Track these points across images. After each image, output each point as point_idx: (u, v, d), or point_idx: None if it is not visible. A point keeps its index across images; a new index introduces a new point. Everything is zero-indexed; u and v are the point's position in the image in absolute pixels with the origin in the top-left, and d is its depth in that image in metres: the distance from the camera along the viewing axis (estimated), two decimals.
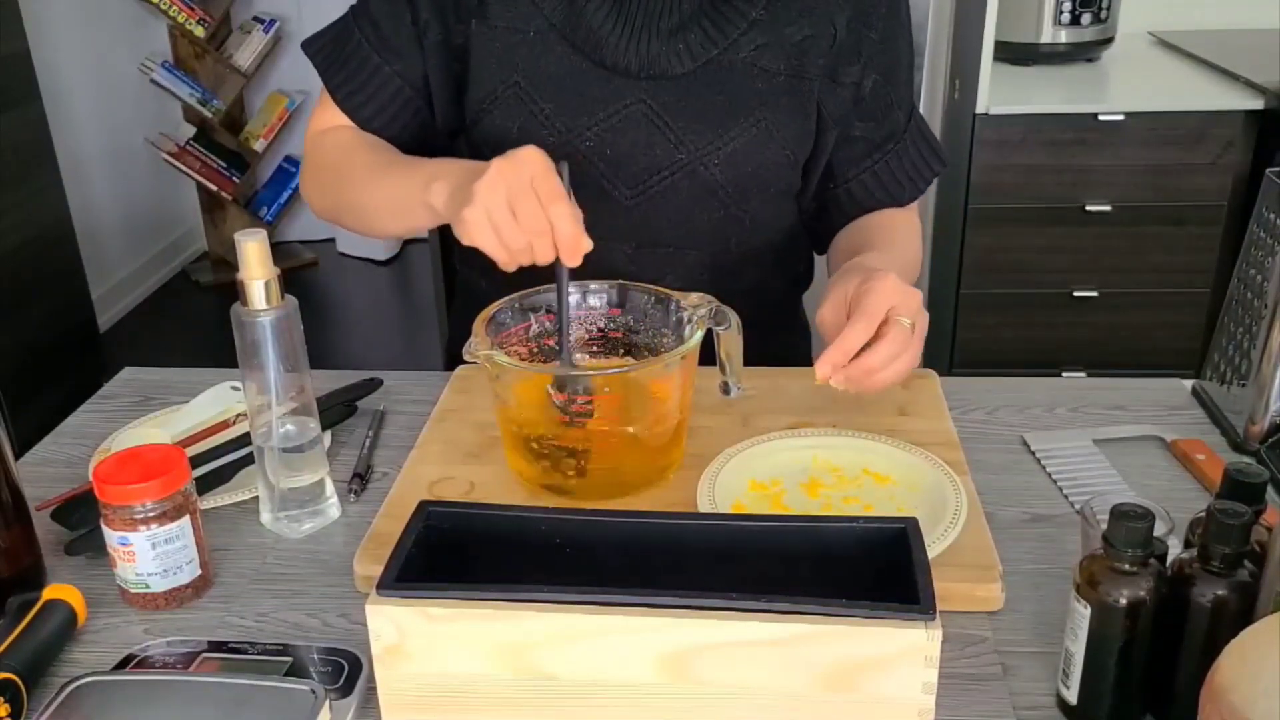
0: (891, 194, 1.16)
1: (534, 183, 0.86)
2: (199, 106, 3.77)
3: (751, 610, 0.64)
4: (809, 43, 1.07)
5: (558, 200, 0.86)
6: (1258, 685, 0.56)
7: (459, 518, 0.75)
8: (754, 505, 0.89)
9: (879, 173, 1.14)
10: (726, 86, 1.06)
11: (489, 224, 0.87)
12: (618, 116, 1.06)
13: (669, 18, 1.04)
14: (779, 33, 1.06)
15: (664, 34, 1.04)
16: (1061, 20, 2.49)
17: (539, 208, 0.86)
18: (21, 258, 2.74)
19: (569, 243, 0.87)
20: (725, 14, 1.04)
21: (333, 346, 3.39)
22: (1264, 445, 0.98)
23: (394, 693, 0.69)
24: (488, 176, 0.87)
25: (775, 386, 1.08)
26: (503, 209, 0.86)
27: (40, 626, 0.77)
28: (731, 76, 1.06)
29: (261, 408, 0.89)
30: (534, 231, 0.87)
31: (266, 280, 0.85)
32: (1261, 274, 0.98)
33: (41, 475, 1.02)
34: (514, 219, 0.86)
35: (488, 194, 0.87)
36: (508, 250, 0.88)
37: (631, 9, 1.04)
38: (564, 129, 1.06)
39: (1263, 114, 2.29)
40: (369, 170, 1.07)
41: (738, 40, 1.05)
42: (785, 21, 1.06)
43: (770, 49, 1.06)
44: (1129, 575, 0.66)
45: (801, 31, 1.06)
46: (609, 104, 1.06)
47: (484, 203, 0.86)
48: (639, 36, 1.03)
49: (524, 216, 0.86)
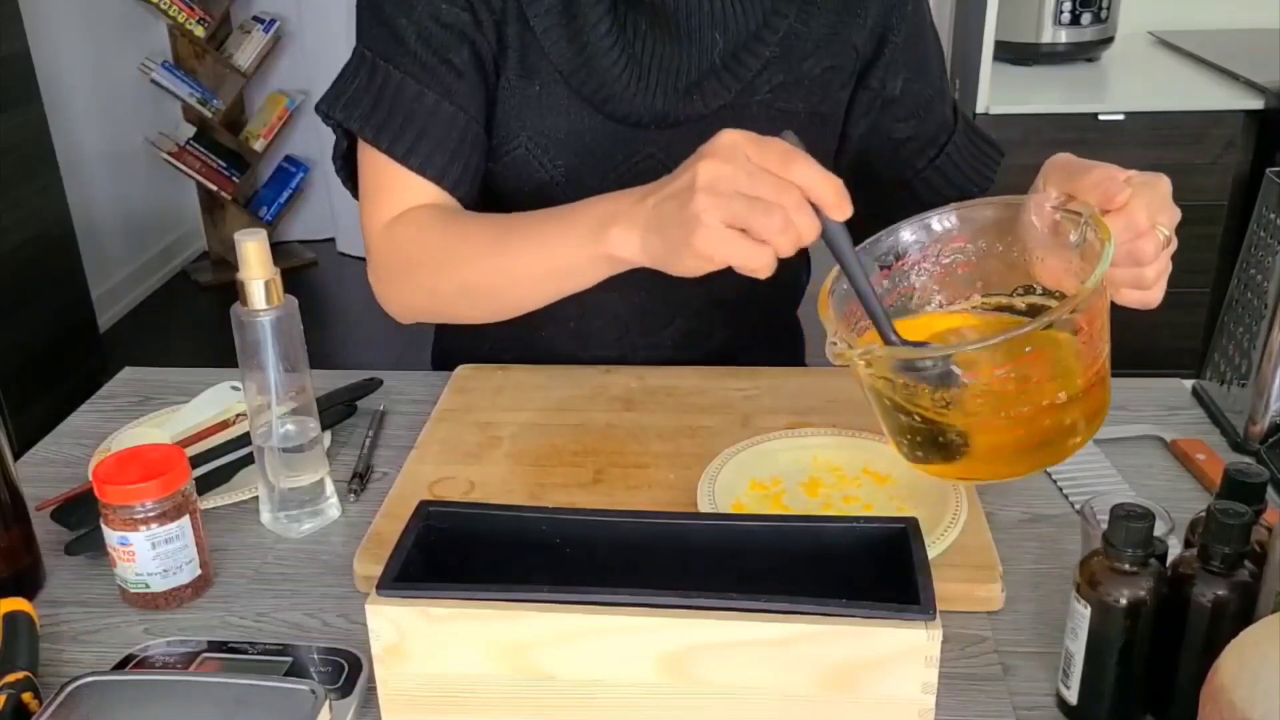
0: (960, 186, 1.10)
1: (757, 158, 0.72)
2: (199, 106, 3.77)
3: (751, 610, 0.64)
4: (830, 74, 1.03)
5: (793, 159, 0.71)
6: (1258, 685, 0.56)
7: (459, 518, 0.75)
8: (754, 505, 0.89)
9: (942, 168, 1.09)
10: (743, 129, 1.01)
11: (729, 233, 0.72)
12: (630, 172, 1.02)
13: (684, 76, 0.99)
14: (797, 68, 1.02)
15: (679, 90, 1.00)
16: (1061, 20, 2.49)
17: (778, 179, 0.71)
18: (21, 258, 2.74)
19: (832, 194, 0.72)
20: (741, 58, 1.00)
21: (333, 346, 3.39)
22: (1264, 445, 0.98)
23: (394, 693, 0.69)
24: (702, 185, 0.73)
25: (775, 386, 1.08)
26: (739, 203, 0.72)
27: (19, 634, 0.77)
28: (748, 121, 0.97)
29: (261, 408, 0.89)
30: (790, 206, 0.71)
31: (266, 280, 0.85)
32: (1261, 274, 0.98)
33: (41, 475, 1.02)
34: (759, 207, 0.71)
35: (712, 201, 0.72)
36: (763, 248, 0.72)
37: (645, 62, 0.98)
38: (576, 188, 1.01)
39: (1263, 114, 2.29)
40: (490, 244, 0.92)
41: (753, 82, 1.01)
42: (802, 55, 1.02)
43: (789, 87, 1.02)
44: (1129, 575, 0.66)
45: (820, 64, 1.02)
46: (621, 159, 1.02)
47: (713, 214, 0.72)
48: (653, 91, 0.99)
49: (770, 195, 0.71)
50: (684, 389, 1.09)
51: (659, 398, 1.07)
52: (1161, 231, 0.79)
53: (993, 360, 0.71)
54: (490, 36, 0.98)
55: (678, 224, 0.75)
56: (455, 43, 0.97)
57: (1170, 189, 0.80)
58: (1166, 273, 0.81)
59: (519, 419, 1.04)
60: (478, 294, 0.96)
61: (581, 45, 0.97)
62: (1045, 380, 0.72)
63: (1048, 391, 0.72)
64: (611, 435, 1.01)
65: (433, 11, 0.96)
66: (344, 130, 1.01)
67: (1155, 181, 0.80)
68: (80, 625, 0.83)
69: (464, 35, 0.97)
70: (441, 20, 0.96)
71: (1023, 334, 0.68)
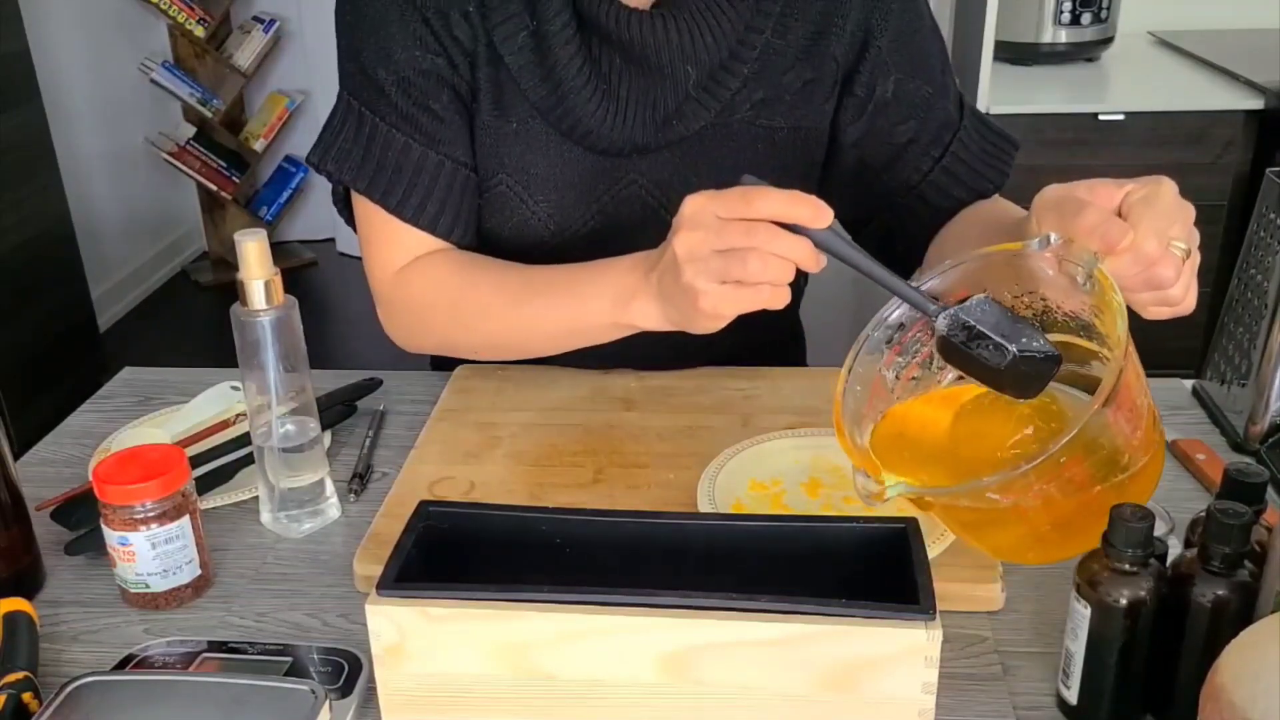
0: (971, 186, 1.06)
1: (723, 213, 0.75)
2: (199, 106, 3.77)
3: (751, 610, 0.64)
4: (811, 87, 1.02)
5: (752, 198, 0.74)
6: (1258, 685, 0.56)
7: (459, 518, 0.75)
8: (754, 505, 0.89)
9: (949, 167, 1.05)
10: (726, 150, 1.01)
11: (725, 289, 0.76)
12: (613, 202, 1.02)
13: (661, 107, 0.99)
14: (777, 82, 1.01)
15: (658, 120, 0.99)
16: (1061, 20, 2.49)
17: (745, 224, 0.74)
18: (21, 258, 2.75)
19: (803, 211, 0.74)
20: (719, 79, 0.99)
21: (333, 346, 3.39)
22: (1264, 445, 0.98)
23: (394, 693, 0.69)
24: (683, 257, 0.77)
25: (775, 386, 1.08)
26: (718, 261, 0.75)
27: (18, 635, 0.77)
28: (730, 140, 1.01)
29: (261, 408, 0.89)
30: (763, 243, 0.74)
31: (266, 280, 0.85)
32: (1262, 274, 0.98)
33: (41, 475, 1.02)
34: (736, 257, 0.75)
35: (697, 268, 0.76)
36: (760, 289, 0.76)
37: (622, 96, 0.98)
38: (560, 222, 1.03)
39: (1263, 114, 2.28)
40: (508, 305, 0.97)
41: (733, 101, 1.00)
42: (782, 69, 1.00)
43: (770, 103, 1.01)
44: (1129, 576, 0.66)
45: (801, 77, 1.01)
46: (602, 189, 1.02)
47: (702, 279, 0.76)
48: (631, 124, 0.99)
49: (741, 242, 0.74)
50: (684, 389, 1.09)
51: (659, 398, 1.07)
52: (1178, 248, 0.74)
53: (1025, 484, 0.68)
54: (466, 77, 0.99)
55: (680, 294, 0.80)
56: (434, 89, 0.99)
57: (1174, 191, 0.76)
58: (1193, 281, 0.77)
59: (519, 419, 1.04)
60: (494, 347, 1.03)
61: (556, 83, 0.98)
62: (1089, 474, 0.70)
63: (1098, 478, 0.70)
64: (611, 435, 1.01)
65: (409, 60, 0.98)
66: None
67: (1157, 194, 0.75)
68: (80, 625, 0.83)
69: (442, 80, 0.99)
70: (419, 68, 0.98)
71: (1054, 452, 0.65)
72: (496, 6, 0.97)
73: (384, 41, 0.97)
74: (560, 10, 0.96)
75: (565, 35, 0.96)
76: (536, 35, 0.96)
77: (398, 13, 0.97)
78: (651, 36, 0.95)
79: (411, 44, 0.97)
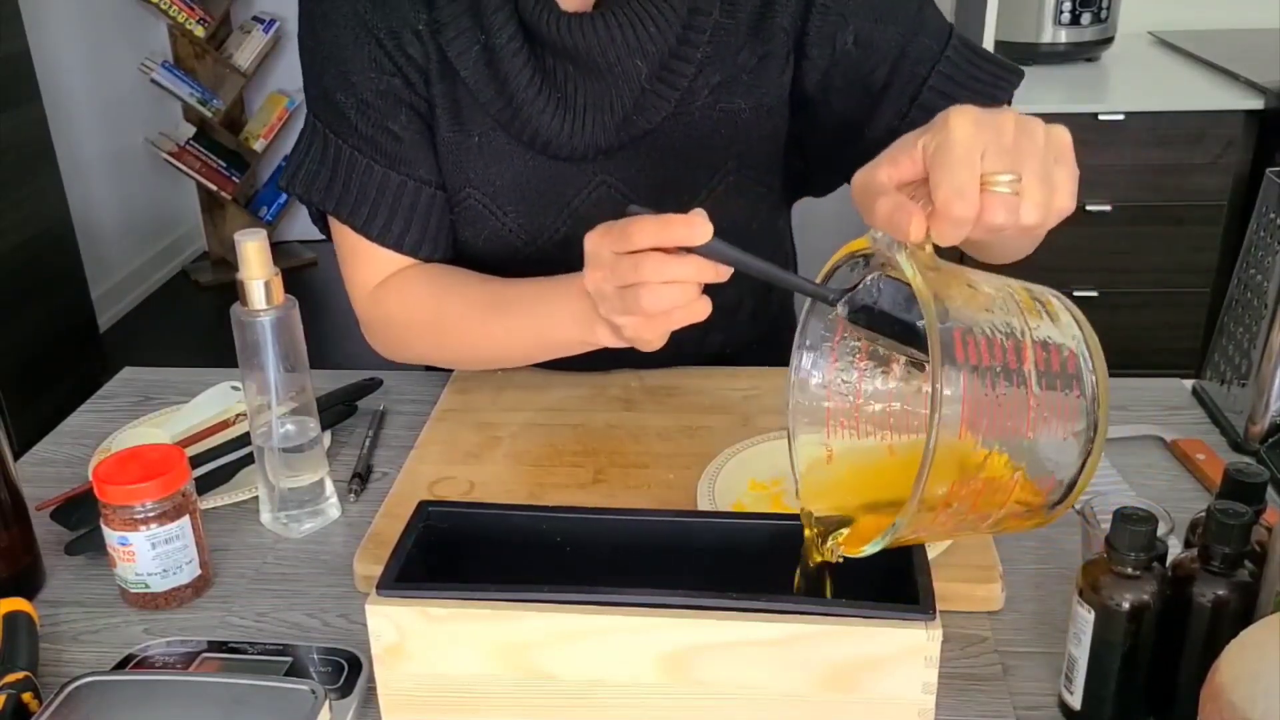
0: None
1: (614, 248, 0.77)
2: (199, 106, 3.78)
3: (751, 610, 0.64)
4: (766, 62, 1.00)
5: (629, 232, 0.75)
6: (1258, 685, 0.56)
7: (459, 518, 0.75)
8: (754, 505, 0.89)
9: (927, 104, 0.98)
10: (690, 137, 1.00)
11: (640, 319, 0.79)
12: (584, 204, 1.02)
13: (618, 108, 0.98)
14: (731, 62, 0.99)
15: (617, 121, 0.99)
16: (1061, 20, 2.49)
17: (631, 257, 0.76)
18: (21, 258, 2.75)
19: (679, 233, 0.73)
20: (673, 67, 0.98)
21: (333, 346, 3.39)
22: (1264, 445, 0.98)
23: (394, 693, 0.69)
24: (595, 294, 0.81)
25: (775, 387, 1.08)
26: (618, 298, 0.78)
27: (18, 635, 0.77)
28: (692, 129, 1.00)
29: (261, 408, 0.89)
30: (649, 274, 0.75)
31: (266, 280, 0.85)
32: (1261, 274, 0.98)
33: (41, 475, 1.02)
34: (629, 293, 0.77)
35: (608, 305, 0.80)
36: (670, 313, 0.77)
37: (579, 103, 0.98)
38: (531, 231, 1.03)
39: (1263, 114, 2.29)
40: (481, 321, 0.99)
41: (691, 87, 0.99)
42: (735, 48, 0.99)
43: (728, 85, 0.99)
44: (1132, 579, 0.66)
45: (755, 53, 1.00)
46: (571, 194, 1.02)
47: (617, 314, 0.79)
48: (590, 129, 0.99)
49: (631, 277, 0.76)
50: (684, 389, 1.09)
51: (659, 398, 1.07)
52: (999, 185, 0.64)
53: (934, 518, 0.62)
54: (423, 94, 1.00)
55: (610, 323, 0.82)
56: (392, 109, 1.00)
57: (970, 121, 0.64)
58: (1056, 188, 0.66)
59: (519, 419, 1.04)
60: (474, 360, 1.07)
61: (510, 96, 0.98)
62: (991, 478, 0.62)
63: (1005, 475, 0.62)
64: (611, 435, 1.01)
65: (366, 82, 0.99)
66: None
67: (947, 141, 0.64)
68: (80, 625, 0.83)
69: (399, 99, 0.99)
70: (376, 89, 0.99)
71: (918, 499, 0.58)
72: (447, 23, 0.97)
73: (342, 65, 0.99)
74: (505, 24, 0.96)
75: (513, 48, 0.96)
76: (487, 49, 0.97)
77: (352, 36, 0.98)
78: (595, 38, 0.95)
79: (367, 65, 0.98)
